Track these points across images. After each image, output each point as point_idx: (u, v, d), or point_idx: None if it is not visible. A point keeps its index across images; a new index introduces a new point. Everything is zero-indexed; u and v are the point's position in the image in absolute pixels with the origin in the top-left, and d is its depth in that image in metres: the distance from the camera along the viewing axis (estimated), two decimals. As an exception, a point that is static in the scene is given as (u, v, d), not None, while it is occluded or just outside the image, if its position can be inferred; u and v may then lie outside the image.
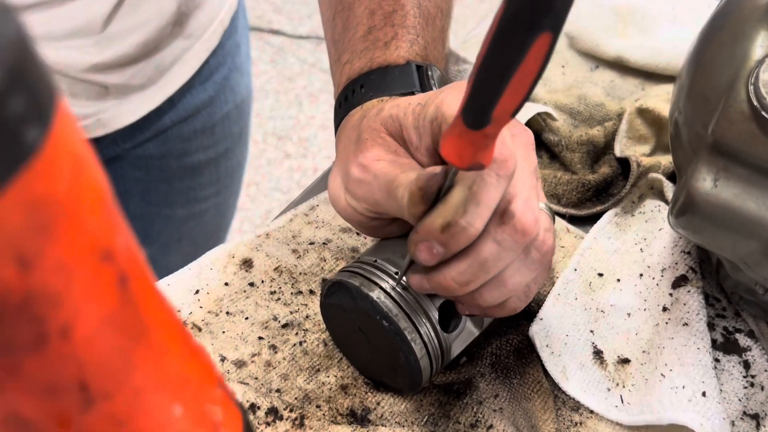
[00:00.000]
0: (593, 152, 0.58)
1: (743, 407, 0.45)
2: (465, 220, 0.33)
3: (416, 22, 0.46)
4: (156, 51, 0.65)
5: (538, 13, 0.24)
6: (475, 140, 0.29)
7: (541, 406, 0.44)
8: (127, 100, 0.67)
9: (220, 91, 0.78)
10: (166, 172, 0.79)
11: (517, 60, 0.25)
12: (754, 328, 0.48)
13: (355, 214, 0.40)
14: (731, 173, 0.36)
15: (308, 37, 2.36)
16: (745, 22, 0.36)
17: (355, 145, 0.40)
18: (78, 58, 0.59)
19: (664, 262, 0.49)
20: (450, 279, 0.35)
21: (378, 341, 0.40)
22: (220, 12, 0.72)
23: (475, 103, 0.28)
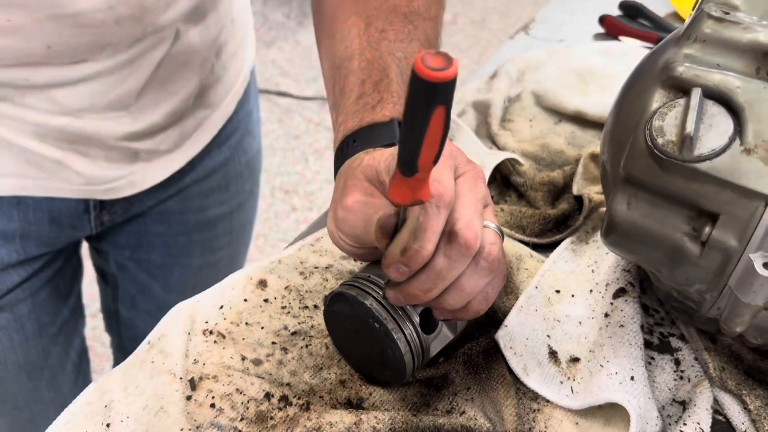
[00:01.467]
0: (554, 191, 0.69)
1: (673, 395, 0.54)
2: (417, 244, 0.43)
3: (399, 88, 0.56)
4: (180, 120, 0.74)
5: (431, 95, 0.34)
6: (411, 184, 0.39)
7: (504, 396, 0.53)
8: (154, 163, 0.75)
9: (234, 153, 0.87)
10: (185, 226, 0.88)
11: (424, 126, 0.35)
12: (684, 332, 0.58)
13: (345, 245, 0.50)
14: (640, 198, 0.47)
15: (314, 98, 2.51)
16: (647, 82, 0.48)
17: (341, 191, 0.50)
18: (114, 128, 0.67)
19: (608, 279, 0.59)
20: (415, 288, 0.45)
21: (370, 341, 0.50)
22: (235, 84, 0.81)
23: (403, 158, 0.38)
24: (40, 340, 0.81)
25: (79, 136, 0.67)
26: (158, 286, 0.93)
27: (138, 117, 0.68)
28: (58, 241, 0.77)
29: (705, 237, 0.44)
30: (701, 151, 0.43)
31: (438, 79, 0.33)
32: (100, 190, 0.72)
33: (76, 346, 0.89)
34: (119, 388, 0.52)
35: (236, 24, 0.77)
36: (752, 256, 0.42)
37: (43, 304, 0.79)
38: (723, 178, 0.42)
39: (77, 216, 0.75)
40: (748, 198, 0.42)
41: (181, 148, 0.77)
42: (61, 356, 0.85)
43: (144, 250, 0.89)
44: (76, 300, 0.87)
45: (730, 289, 0.45)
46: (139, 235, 0.87)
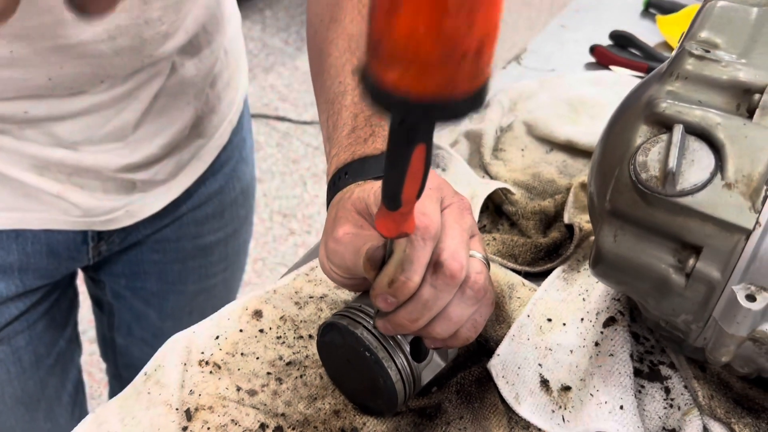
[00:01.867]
0: (545, 220, 0.70)
1: (663, 423, 0.55)
2: (404, 276, 0.44)
3: None
4: (176, 150, 0.75)
5: (412, 134, 0.35)
6: (395, 218, 0.40)
7: (496, 425, 0.54)
8: (151, 193, 0.76)
9: (229, 180, 0.88)
10: (180, 254, 0.89)
11: (406, 163, 0.36)
12: (674, 360, 0.59)
13: (336, 276, 0.51)
14: (625, 231, 0.48)
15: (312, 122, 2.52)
16: (631, 117, 0.49)
17: (332, 222, 0.51)
18: (112, 159, 0.69)
19: (599, 308, 0.60)
20: (402, 318, 0.46)
21: (362, 370, 0.51)
22: (229, 113, 0.82)
23: (387, 194, 0.39)
24: (37, 372, 0.81)
25: (77, 169, 0.68)
26: (154, 314, 0.94)
27: (135, 148, 0.70)
28: (56, 273, 0.77)
29: (689, 269, 0.45)
30: (683, 186, 0.44)
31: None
32: (98, 222, 0.73)
33: (72, 376, 0.89)
34: (116, 419, 0.53)
35: (229, 55, 0.79)
36: (735, 288, 0.43)
37: (40, 336, 0.80)
38: (705, 212, 0.43)
39: (76, 247, 0.76)
40: (730, 231, 0.43)
41: (177, 177, 0.78)
42: (57, 387, 0.86)
43: (140, 278, 0.90)
44: (72, 330, 0.88)
45: (714, 320, 0.46)
46: (135, 264, 0.88)
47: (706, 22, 0.49)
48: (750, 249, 0.43)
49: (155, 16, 0.60)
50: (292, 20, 2.94)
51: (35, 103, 0.61)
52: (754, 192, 0.43)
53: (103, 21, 0.57)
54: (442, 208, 0.47)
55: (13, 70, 0.58)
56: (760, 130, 0.43)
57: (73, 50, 0.58)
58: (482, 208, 0.71)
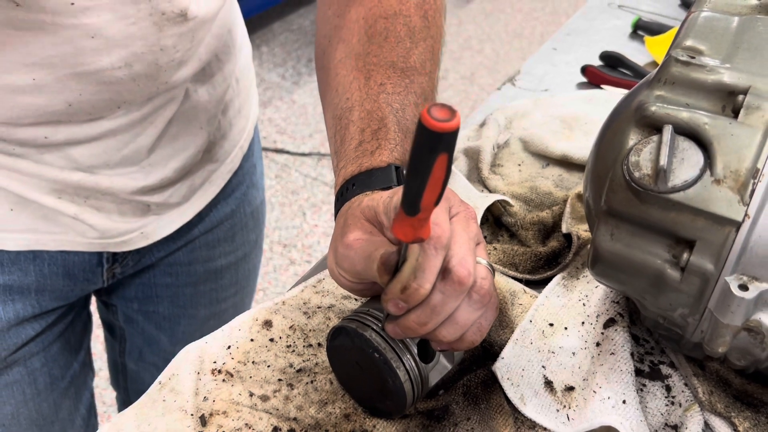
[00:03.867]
0: (543, 230, 0.72)
1: (665, 420, 0.56)
2: (416, 283, 0.46)
3: (396, 136, 0.59)
4: (189, 174, 0.77)
5: (435, 143, 0.37)
6: (413, 223, 0.42)
7: (503, 425, 0.55)
8: (165, 216, 0.78)
9: (240, 205, 0.90)
10: (192, 277, 0.90)
11: (428, 171, 0.38)
12: (674, 359, 0.60)
13: (345, 281, 0.53)
14: (621, 229, 0.50)
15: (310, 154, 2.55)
16: (623, 121, 0.51)
17: (341, 229, 0.53)
18: (128, 183, 0.70)
19: (599, 311, 0.62)
20: (412, 322, 0.48)
21: (371, 371, 0.52)
22: (240, 139, 0.85)
23: (407, 199, 0.41)
24: (51, 394, 0.82)
25: (93, 192, 0.69)
26: (165, 339, 0.95)
27: (150, 172, 0.71)
28: (72, 295, 0.79)
29: (684, 263, 0.47)
30: (675, 182, 0.46)
31: (442, 129, 0.36)
32: (113, 243, 0.75)
33: (85, 400, 0.90)
34: (132, 426, 0.54)
35: (240, 83, 0.81)
36: (728, 279, 0.45)
37: (55, 358, 0.81)
38: (696, 207, 0.45)
39: (91, 269, 0.77)
40: (720, 224, 0.45)
41: (190, 200, 0.80)
42: (71, 410, 0.86)
43: (152, 302, 0.91)
44: (85, 354, 0.89)
45: (710, 312, 0.48)
46: (148, 287, 0.89)
47: (690, 31, 0.52)
48: (740, 240, 0.44)
49: (170, 43, 0.62)
50: (288, 56, 2.99)
51: (54, 128, 0.64)
52: (742, 186, 0.45)
53: (120, 48, 0.59)
54: (449, 216, 0.49)
55: (34, 96, 0.60)
56: (745, 128, 0.46)
57: (92, 77, 0.60)
58: (482, 221, 0.73)
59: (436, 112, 0.36)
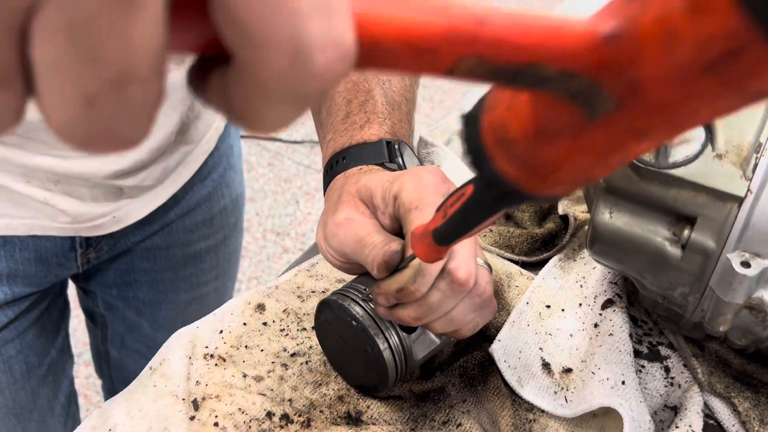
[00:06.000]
0: (540, 212, 0.71)
1: (664, 401, 0.55)
2: (414, 286, 0.46)
3: (384, 109, 0.59)
4: (163, 156, 0.76)
5: (500, 206, 0.33)
6: (440, 250, 0.42)
7: (500, 407, 0.54)
8: (139, 199, 0.77)
9: (217, 187, 0.89)
10: (171, 261, 0.90)
11: (482, 223, 0.36)
12: (672, 341, 0.60)
13: (332, 259, 0.53)
14: (621, 206, 0.49)
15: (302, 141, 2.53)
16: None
17: (334, 205, 0.53)
18: (101, 166, 0.70)
19: (596, 292, 0.61)
20: (406, 315, 0.48)
21: (353, 343, 0.51)
22: (215, 120, 0.84)
23: (445, 237, 0.40)
24: (28, 382, 0.81)
25: (65, 176, 0.69)
26: (146, 324, 0.94)
27: (123, 155, 0.71)
28: (45, 281, 0.78)
29: (684, 240, 0.46)
30: (676, 158, 0.45)
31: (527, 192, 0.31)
32: (85, 228, 0.74)
33: (64, 387, 0.89)
34: (123, 412, 0.53)
35: None
36: (729, 256, 0.45)
37: (31, 345, 0.80)
38: (698, 183, 0.45)
39: (64, 254, 0.76)
40: (722, 200, 0.44)
41: (164, 183, 0.79)
42: (50, 398, 0.86)
43: (131, 287, 0.90)
44: (63, 341, 0.88)
45: (711, 290, 0.47)
46: (126, 273, 0.88)
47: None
48: (743, 216, 0.44)
49: None
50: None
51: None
52: (744, 161, 0.44)
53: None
54: None
55: None
56: (747, 102, 0.45)
57: None
58: (478, 202, 0.72)
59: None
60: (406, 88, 0.63)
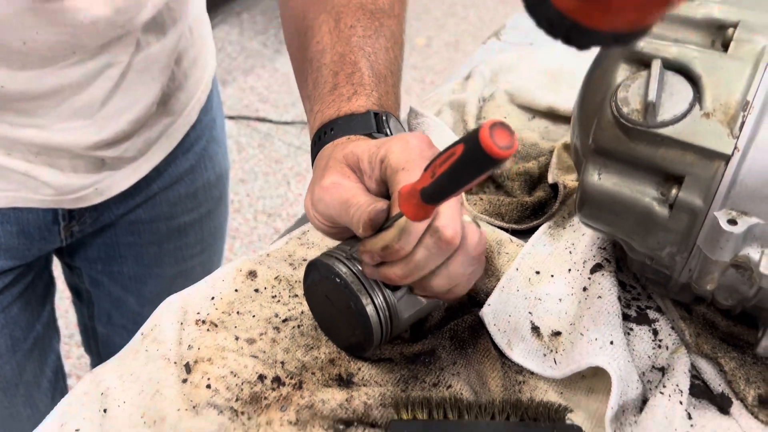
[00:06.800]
0: (530, 181, 0.72)
1: (652, 363, 0.56)
2: (399, 244, 0.47)
3: (370, 81, 0.60)
4: (145, 128, 0.76)
5: (488, 165, 0.37)
6: (427, 209, 0.44)
7: (490, 368, 0.55)
8: (121, 171, 0.77)
9: (200, 160, 0.90)
10: (155, 235, 0.90)
11: (468, 183, 0.40)
12: (660, 304, 0.60)
13: (319, 224, 0.54)
14: (609, 167, 0.49)
15: (293, 122, 2.53)
16: (610, 60, 0.51)
17: (321, 171, 0.54)
18: (80, 137, 0.70)
19: (585, 257, 0.62)
20: (392, 274, 0.49)
21: (338, 301, 0.52)
22: (197, 91, 0.84)
23: (433, 196, 0.42)
24: (14, 356, 0.82)
25: (45, 147, 0.69)
26: (133, 299, 0.94)
27: (103, 126, 0.71)
28: (29, 254, 0.78)
29: (672, 199, 0.47)
30: (664, 117, 0.45)
31: (501, 156, 0.36)
32: (68, 200, 0.74)
33: (51, 362, 0.90)
34: (114, 376, 0.53)
35: (194, 32, 0.80)
36: (717, 214, 0.45)
37: (16, 319, 0.80)
38: (685, 141, 0.45)
39: (46, 227, 0.76)
40: (710, 158, 0.45)
41: (146, 155, 0.80)
42: (36, 373, 0.86)
43: (116, 262, 0.90)
44: (49, 316, 0.89)
45: (698, 249, 0.48)
46: (111, 247, 0.88)
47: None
48: (730, 174, 0.44)
49: None
50: (269, 23, 2.96)
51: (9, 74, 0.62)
52: (731, 119, 0.44)
53: None
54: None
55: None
56: (735, 61, 0.45)
57: (50, 16, 0.59)
58: (468, 171, 0.73)
59: (498, 136, 0.36)
60: (392, 61, 0.64)
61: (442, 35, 2.99)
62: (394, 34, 0.64)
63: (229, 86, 2.62)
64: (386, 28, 0.64)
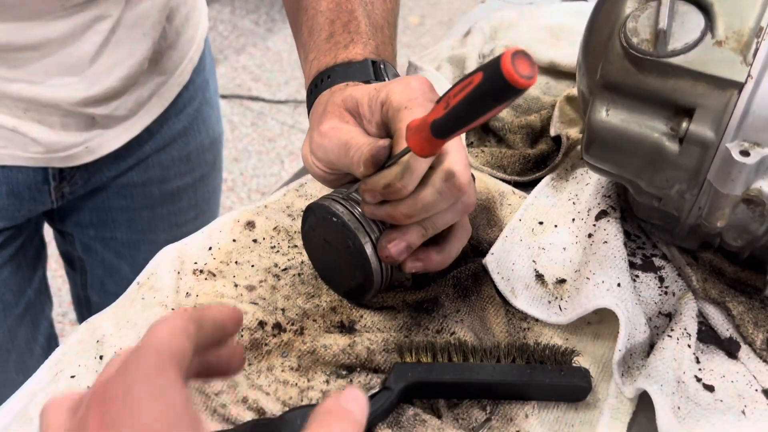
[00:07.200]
0: (531, 134, 0.71)
1: (659, 309, 0.55)
2: (401, 183, 0.46)
3: (367, 30, 0.58)
4: (136, 86, 0.75)
5: (508, 95, 0.36)
6: (435, 143, 0.42)
7: (494, 314, 0.54)
8: (111, 130, 0.76)
9: (193, 122, 0.88)
10: (148, 199, 0.88)
11: (484, 114, 0.38)
12: (666, 252, 0.59)
13: (318, 171, 0.53)
14: (618, 103, 0.48)
15: (286, 101, 2.51)
16: (618, -6, 0.49)
17: (319, 117, 0.52)
18: (70, 93, 0.68)
19: (589, 205, 0.61)
20: (397, 212, 0.48)
21: (336, 242, 0.51)
22: (189, 50, 0.82)
23: (445, 129, 0.41)
24: (5, 321, 0.80)
25: (33, 103, 0.67)
26: (126, 266, 0.92)
27: (93, 82, 0.69)
28: (19, 215, 0.76)
29: (682, 133, 0.46)
30: (675, 46, 0.44)
31: (522, 86, 0.34)
32: (58, 158, 0.72)
33: (43, 329, 0.88)
34: (110, 324, 0.52)
35: None
36: (729, 146, 0.44)
37: (6, 283, 0.79)
38: (697, 70, 0.44)
39: (36, 187, 0.75)
40: (722, 88, 0.44)
41: (138, 114, 0.78)
42: (28, 339, 0.85)
43: (109, 227, 0.88)
44: (40, 282, 0.87)
45: (709, 184, 0.47)
46: (103, 212, 0.87)
47: None
48: (742, 104, 0.43)
49: None
50: (261, 2, 2.93)
51: None
52: (744, 46, 0.43)
53: None
54: None
55: None
56: (748, -13, 0.44)
57: None
58: (468, 125, 0.71)
59: (520, 64, 0.34)
60: (388, 11, 0.62)
61: (435, 14, 2.96)
62: None
63: (222, 65, 2.59)
64: None
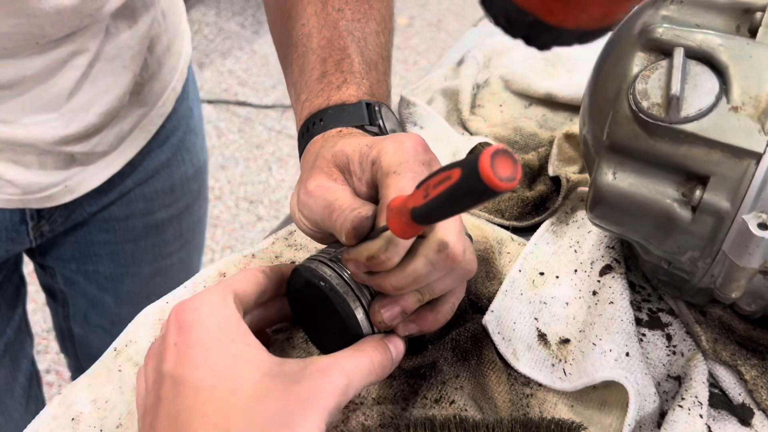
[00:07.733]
0: (530, 174, 0.68)
1: (667, 371, 0.53)
2: (385, 255, 0.43)
3: (361, 68, 0.55)
4: (116, 120, 0.71)
5: (487, 196, 0.33)
6: (417, 228, 0.40)
7: (496, 381, 0.51)
8: (91, 167, 0.73)
9: (177, 152, 0.85)
10: (131, 232, 0.85)
11: (464, 210, 0.36)
12: (673, 307, 0.57)
13: (305, 228, 0.50)
14: (626, 166, 0.45)
15: (273, 106, 2.47)
16: (625, 47, 0.46)
17: (308, 172, 0.50)
18: (47, 132, 0.65)
19: (593, 257, 0.58)
20: (387, 284, 0.45)
21: (324, 307, 0.48)
22: (171, 80, 0.79)
23: (425, 217, 0.38)
24: None
25: (10, 144, 0.64)
26: (110, 299, 0.89)
27: (71, 119, 0.66)
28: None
29: (696, 201, 0.43)
30: (688, 111, 0.41)
31: (502, 189, 0.32)
32: (36, 199, 0.69)
33: (24, 368, 0.85)
34: (87, 399, 0.49)
35: (167, 18, 0.75)
36: (746, 218, 0.41)
37: None
38: (711, 138, 0.41)
39: (14, 228, 0.71)
40: (739, 157, 0.41)
41: (119, 149, 0.75)
42: (8, 379, 0.82)
43: (91, 261, 0.85)
44: (20, 320, 0.84)
45: (724, 254, 0.44)
46: (84, 246, 0.83)
47: (698, -56, 0.47)
48: (761, 174, 0.41)
49: None
50: (247, 3, 2.88)
51: None
52: (762, 113, 0.40)
53: None
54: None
55: None
56: (765, 48, 0.41)
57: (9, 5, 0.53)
58: (464, 164, 0.68)
59: (500, 166, 0.31)
60: (382, 45, 0.59)
61: (424, 15, 2.93)
62: (384, 17, 0.60)
63: (207, 69, 2.55)
64: (375, 11, 0.60)
